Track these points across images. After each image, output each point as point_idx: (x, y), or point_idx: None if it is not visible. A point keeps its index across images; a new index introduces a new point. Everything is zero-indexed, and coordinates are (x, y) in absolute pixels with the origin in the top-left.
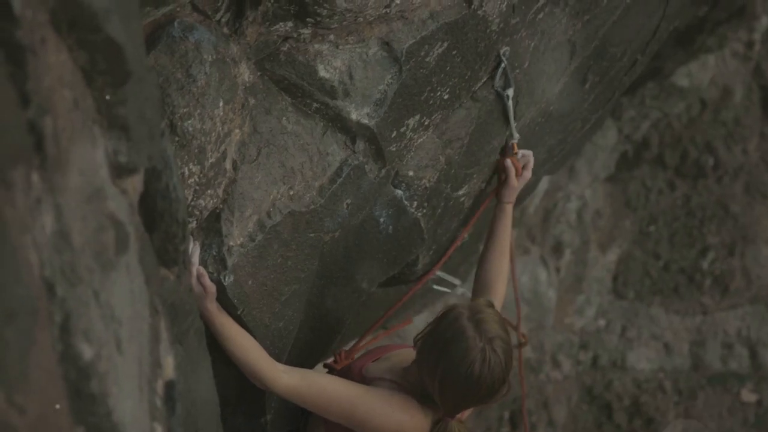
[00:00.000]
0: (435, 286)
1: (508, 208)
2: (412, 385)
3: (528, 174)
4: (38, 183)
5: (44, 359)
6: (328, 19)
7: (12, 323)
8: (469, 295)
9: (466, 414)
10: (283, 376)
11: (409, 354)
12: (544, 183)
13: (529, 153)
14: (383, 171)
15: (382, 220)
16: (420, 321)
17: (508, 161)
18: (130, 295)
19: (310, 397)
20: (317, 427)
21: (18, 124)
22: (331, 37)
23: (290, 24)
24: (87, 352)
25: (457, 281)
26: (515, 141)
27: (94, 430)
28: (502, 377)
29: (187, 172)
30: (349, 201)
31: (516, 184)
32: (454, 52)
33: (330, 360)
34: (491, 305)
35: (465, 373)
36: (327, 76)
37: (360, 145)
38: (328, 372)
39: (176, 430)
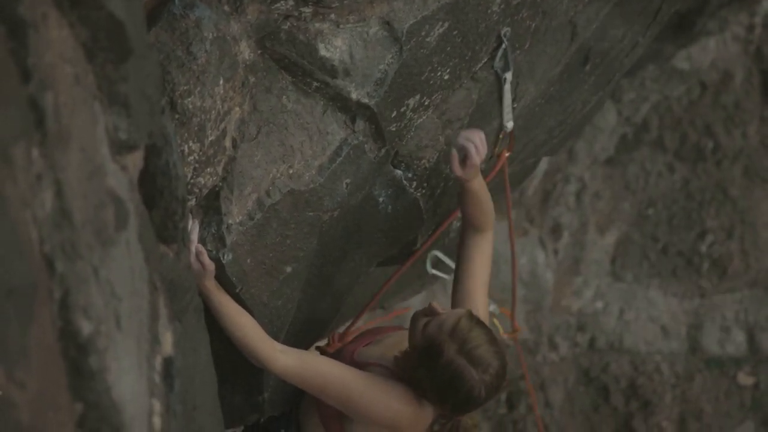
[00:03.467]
0: (432, 271)
1: (472, 186)
2: (406, 373)
3: (484, 150)
4: (39, 159)
5: (44, 335)
6: None
7: (11, 299)
8: None
9: None
10: (281, 357)
11: (400, 337)
12: (543, 164)
13: (477, 130)
14: (383, 151)
15: (381, 199)
16: (417, 302)
17: (461, 139)
18: (130, 271)
19: (306, 379)
20: (310, 407)
21: (19, 100)
22: (332, 16)
23: (291, 2)
24: (86, 328)
25: (454, 264)
26: (509, 129)
27: (93, 406)
28: (501, 385)
29: (186, 150)
30: (348, 180)
31: (476, 162)
32: (455, 32)
33: (323, 343)
34: (470, 317)
35: (473, 402)
36: (327, 55)
37: (360, 124)
38: (320, 355)
39: (175, 407)
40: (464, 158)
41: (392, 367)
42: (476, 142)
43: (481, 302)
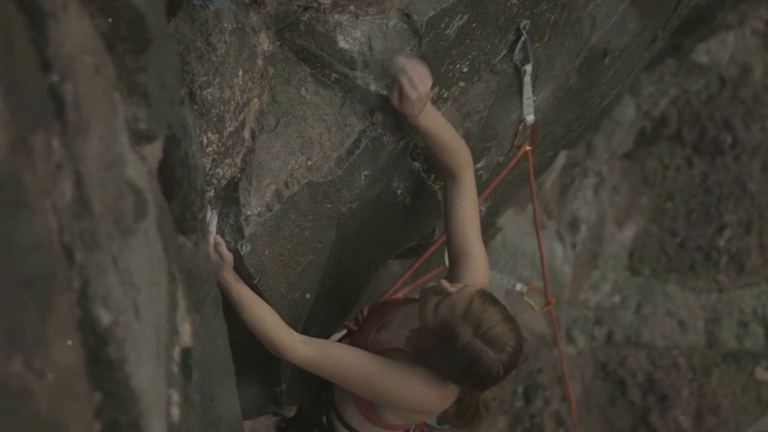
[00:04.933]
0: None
1: (420, 122)
2: (422, 354)
3: (422, 82)
4: (59, 149)
5: (62, 325)
6: None
7: (30, 288)
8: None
9: None
10: (301, 347)
11: (406, 314)
12: (561, 158)
13: (416, 60)
14: (401, 143)
15: (399, 192)
16: None
17: (395, 69)
18: (149, 261)
19: (327, 369)
20: (343, 392)
21: (39, 89)
22: (351, 7)
23: None
24: (105, 318)
25: None
26: (528, 122)
27: (111, 395)
28: (519, 361)
29: (205, 141)
30: (366, 172)
31: (412, 96)
32: (474, 25)
33: (352, 321)
34: (482, 296)
35: (492, 381)
36: (346, 47)
37: (378, 116)
38: (348, 332)
39: (192, 397)
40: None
41: (410, 350)
42: (411, 74)
43: (478, 255)
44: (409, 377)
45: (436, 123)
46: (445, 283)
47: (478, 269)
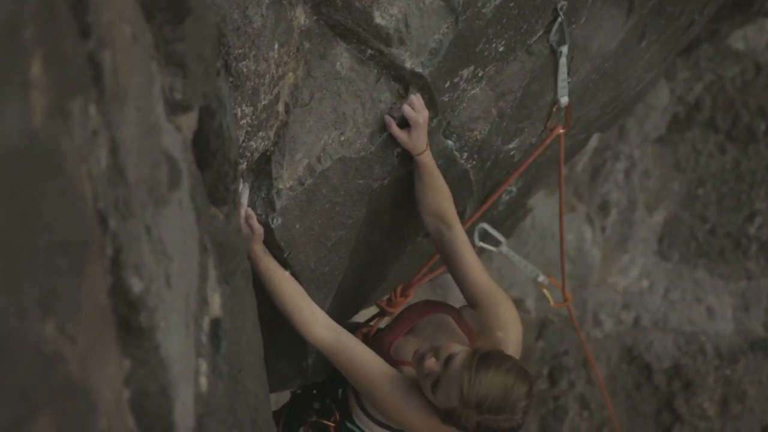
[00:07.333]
0: (479, 243)
1: (425, 159)
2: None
3: (426, 113)
4: (95, 116)
5: (95, 291)
6: None
7: (64, 253)
8: (512, 256)
9: None
10: (319, 330)
11: (437, 323)
12: (593, 141)
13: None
14: (435, 121)
15: None
16: None
17: (404, 108)
18: (181, 231)
19: (338, 360)
20: None
21: (78, 56)
22: None
23: None
24: (137, 286)
25: (501, 237)
26: (563, 103)
27: (141, 363)
28: (533, 395)
29: (239, 113)
30: (399, 149)
31: (418, 120)
32: (512, 4)
33: (384, 299)
34: (470, 367)
35: (519, 428)
36: (383, 23)
37: (413, 93)
38: (380, 312)
39: (221, 368)
40: (406, 125)
41: None
42: (411, 101)
43: (488, 290)
44: (407, 401)
45: (434, 163)
46: (429, 363)
47: (499, 311)
